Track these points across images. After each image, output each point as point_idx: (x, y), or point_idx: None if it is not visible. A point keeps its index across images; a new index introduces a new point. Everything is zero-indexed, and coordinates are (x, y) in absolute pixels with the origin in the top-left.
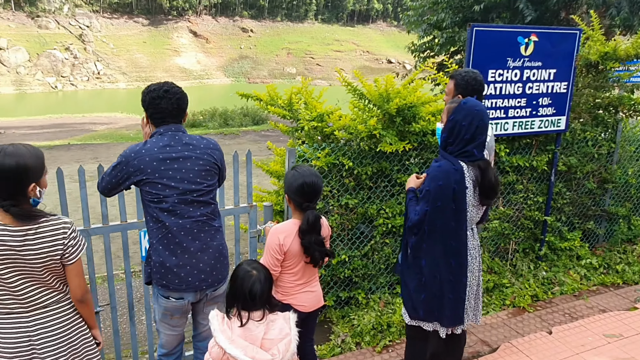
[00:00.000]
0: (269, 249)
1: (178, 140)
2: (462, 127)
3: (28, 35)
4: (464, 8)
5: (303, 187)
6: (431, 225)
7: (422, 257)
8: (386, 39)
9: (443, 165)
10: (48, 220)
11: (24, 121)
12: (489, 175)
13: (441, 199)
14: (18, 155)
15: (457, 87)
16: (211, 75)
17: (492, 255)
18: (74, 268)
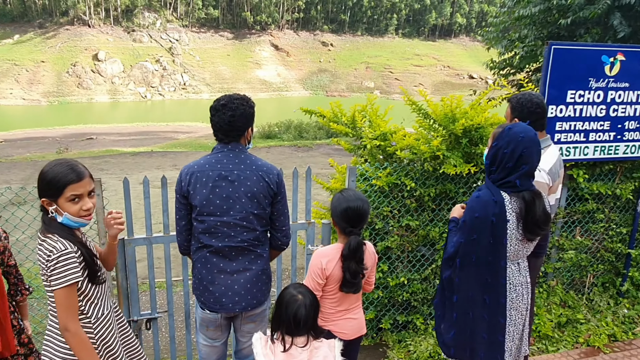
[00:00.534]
0: (311, 272)
1: (232, 158)
2: (504, 154)
3: (123, 48)
4: (549, 23)
5: (347, 212)
6: (465, 259)
7: (455, 292)
8: (469, 53)
9: (482, 196)
10: (50, 240)
11: (114, 128)
12: (534, 209)
13: (477, 232)
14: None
15: (513, 111)
16: (290, 87)
17: (566, 287)
18: (56, 297)
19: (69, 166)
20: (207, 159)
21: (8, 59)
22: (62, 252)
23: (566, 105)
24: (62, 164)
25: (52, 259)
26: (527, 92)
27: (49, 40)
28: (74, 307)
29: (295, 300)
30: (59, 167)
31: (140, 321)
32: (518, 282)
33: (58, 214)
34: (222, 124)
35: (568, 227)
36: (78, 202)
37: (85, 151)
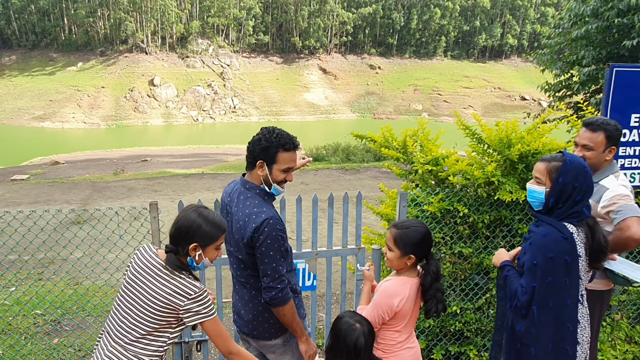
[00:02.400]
0: (379, 308)
1: (235, 196)
2: (574, 189)
3: (177, 74)
4: (609, 44)
5: (426, 237)
6: (542, 305)
7: (532, 344)
8: (520, 75)
9: (550, 234)
10: (186, 276)
11: (167, 150)
12: (597, 234)
13: (552, 274)
14: (195, 215)
15: (610, 139)
16: (338, 110)
17: (632, 322)
18: (208, 329)
19: (220, 216)
20: (230, 186)
21: (72, 85)
22: (202, 290)
23: (630, 129)
24: (215, 213)
25: (199, 294)
26: (603, 117)
27: (109, 67)
28: (226, 333)
29: (354, 330)
30: (217, 216)
31: (191, 343)
32: (581, 315)
33: (197, 259)
34: (248, 153)
35: (634, 257)
36: (218, 250)
37: (140, 172)
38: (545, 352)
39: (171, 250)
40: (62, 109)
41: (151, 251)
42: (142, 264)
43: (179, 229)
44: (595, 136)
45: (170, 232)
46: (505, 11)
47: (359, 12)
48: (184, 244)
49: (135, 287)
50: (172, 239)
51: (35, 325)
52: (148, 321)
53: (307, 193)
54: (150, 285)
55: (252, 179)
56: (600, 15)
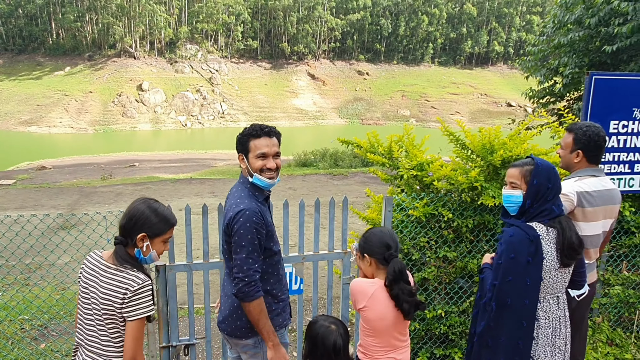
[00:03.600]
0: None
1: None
2: (547, 189)
3: (166, 79)
4: (591, 51)
5: (383, 238)
6: (500, 303)
7: (489, 337)
8: (506, 81)
9: (515, 236)
10: (128, 269)
11: (155, 155)
12: (568, 233)
13: (513, 273)
14: (145, 207)
15: (576, 142)
16: (326, 116)
17: (613, 324)
18: (130, 327)
19: (170, 210)
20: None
21: (59, 89)
22: (145, 282)
23: (609, 135)
24: (165, 207)
25: (135, 289)
26: (590, 124)
27: (97, 71)
28: (142, 339)
29: (331, 332)
30: (167, 210)
31: (179, 347)
32: (555, 317)
33: (145, 250)
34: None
35: (614, 261)
36: (166, 244)
37: (128, 178)
38: (498, 344)
39: (120, 241)
40: (49, 114)
41: (96, 255)
42: (89, 269)
43: (129, 220)
44: (567, 137)
45: (120, 223)
46: (492, 18)
47: (347, 19)
48: (133, 235)
49: (89, 293)
50: (121, 230)
51: (22, 330)
52: (101, 326)
53: (295, 198)
54: (98, 287)
55: (244, 174)
56: (583, 23)
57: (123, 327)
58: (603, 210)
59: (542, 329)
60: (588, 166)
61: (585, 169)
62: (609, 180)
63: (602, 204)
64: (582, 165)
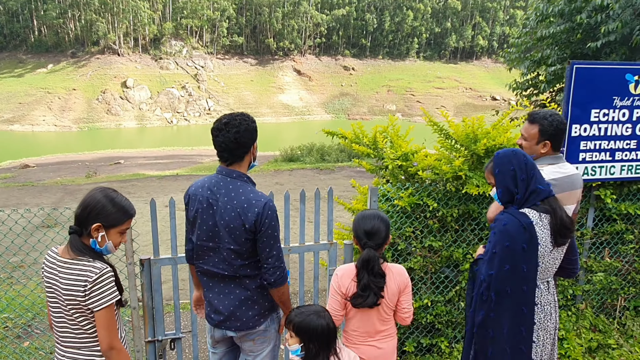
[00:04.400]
0: (331, 288)
1: (222, 186)
2: (512, 171)
3: (151, 75)
4: (572, 43)
5: (362, 226)
6: (500, 292)
7: (490, 328)
8: (491, 75)
9: (509, 224)
10: (84, 261)
11: (141, 152)
12: (559, 213)
13: (509, 262)
14: (101, 196)
15: (543, 133)
16: (312, 111)
17: (596, 311)
18: (100, 317)
19: (129, 201)
20: (203, 181)
21: (42, 87)
22: (103, 270)
23: (590, 124)
24: (124, 197)
25: (94, 279)
26: (551, 111)
27: (81, 69)
28: (115, 325)
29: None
30: (125, 200)
31: (165, 341)
32: (547, 302)
33: (100, 240)
34: (228, 143)
35: (596, 248)
36: (123, 235)
37: (113, 175)
38: (501, 334)
39: (74, 231)
40: (32, 112)
41: (53, 251)
42: (48, 267)
43: (84, 209)
44: (530, 128)
45: (75, 212)
46: (476, 13)
47: (332, 14)
48: (87, 224)
49: (52, 290)
50: (76, 219)
51: (5, 328)
52: (71, 319)
53: (282, 193)
54: (59, 283)
55: (241, 168)
56: (566, 16)
57: (92, 317)
58: (561, 197)
59: (536, 313)
60: (552, 154)
61: (544, 157)
62: (569, 166)
63: (561, 191)
64: (546, 154)
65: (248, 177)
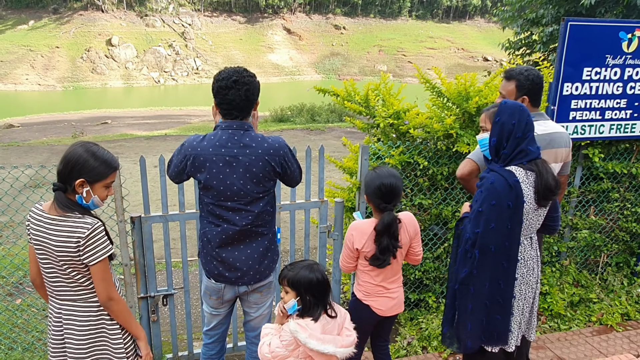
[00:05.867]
0: (345, 243)
1: (237, 141)
2: (512, 126)
3: (137, 33)
4: (566, 1)
5: (380, 189)
6: (484, 249)
7: (471, 284)
8: (483, 35)
9: (496, 182)
10: (74, 217)
11: (128, 112)
12: (545, 174)
13: (495, 220)
14: (82, 150)
15: (520, 89)
16: (302, 71)
17: (579, 267)
18: (96, 271)
19: (111, 154)
20: (211, 141)
21: (23, 44)
22: (95, 225)
23: (582, 82)
24: (105, 150)
25: (86, 235)
26: (527, 67)
27: (63, 25)
28: (111, 277)
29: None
30: (107, 153)
31: (157, 297)
32: (529, 256)
33: (85, 196)
34: (239, 100)
35: (582, 206)
36: (108, 189)
37: (100, 135)
38: (483, 289)
39: (58, 187)
40: (14, 70)
41: (38, 209)
42: (35, 224)
43: (65, 165)
44: (507, 85)
45: (58, 168)
46: None
47: None
48: (71, 180)
49: (42, 247)
50: (59, 176)
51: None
52: (65, 274)
53: None
54: (49, 241)
55: (248, 121)
56: None
57: (86, 271)
58: (544, 154)
59: (519, 268)
60: (532, 110)
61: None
62: (551, 124)
63: (542, 148)
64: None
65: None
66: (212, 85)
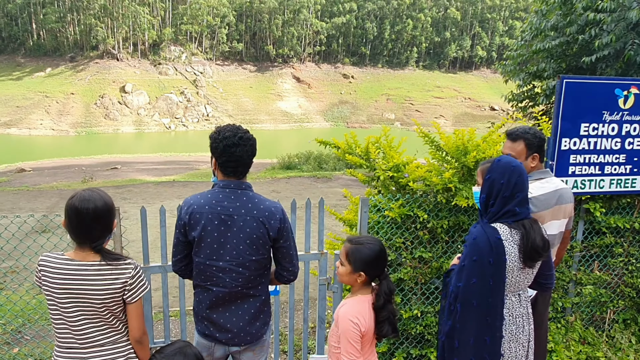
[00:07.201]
0: (350, 337)
1: (234, 200)
2: (501, 185)
3: (150, 81)
4: (568, 57)
5: (380, 255)
6: (466, 304)
7: (456, 337)
8: (489, 85)
9: (478, 237)
10: (115, 258)
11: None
12: (533, 235)
13: (476, 275)
14: (100, 199)
15: (530, 147)
16: (311, 119)
17: (585, 323)
18: (135, 308)
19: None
20: (207, 199)
21: (40, 91)
22: (136, 264)
23: (580, 138)
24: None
25: (136, 271)
26: (525, 126)
27: (79, 73)
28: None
29: (185, 355)
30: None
31: (154, 349)
32: (518, 314)
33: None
34: (246, 157)
35: (586, 261)
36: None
37: (109, 180)
38: (467, 345)
39: (101, 246)
40: (30, 116)
41: (58, 258)
42: (59, 273)
43: (103, 214)
44: (515, 145)
45: (92, 224)
46: (475, 23)
47: (332, 22)
48: (110, 226)
49: (73, 296)
50: (96, 230)
51: None
52: (103, 316)
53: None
54: (87, 288)
55: (246, 179)
56: (560, 30)
57: (117, 312)
58: (551, 212)
59: (507, 325)
60: (540, 169)
61: (532, 172)
62: (556, 180)
63: (548, 206)
64: (535, 169)
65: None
66: (215, 144)
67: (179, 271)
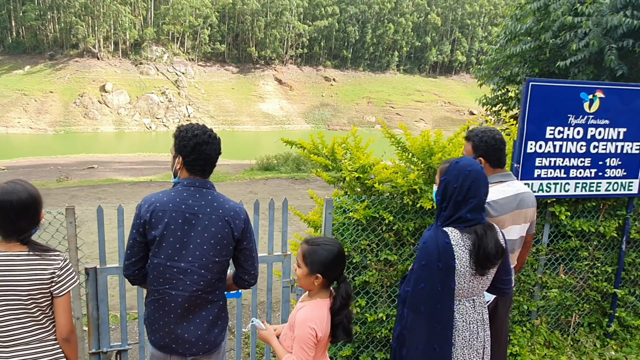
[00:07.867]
0: (305, 341)
1: (198, 199)
2: (454, 189)
3: (130, 80)
4: (541, 62)
5: (339, 257)
6: (413, 309)
7: (404, 346)
8: (469, 90)
9: (428, 241)
10: (43, 250)
11: (116, 157)
12: (486, 241)
13: (424, 280)
14: (24, 190)
15: (475, 150)
16: (292, 121)
17: (551, 327)
18: (63, 302)
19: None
20: (170, 197)
21: (18, 89)
22: (65, 257)
23: (545, 141)
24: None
25: (65, 263)
26: (485, 128)
27: (59, 71)
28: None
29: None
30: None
31: (110, 353)
32: (472, 320)
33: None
34: (215, 155)
35: (552, 264)
36: None
37: (85, 180)
38: (416, 352)
39: (29, 239)
40: (7, 114)
41: None
42: None
43: (28, 206)
44: (467, 145)
45: (17, 217)
46: (455, 29)
47: (315, 25)
48: (37, 218)
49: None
50: (21, 222)
51: None
52: (28, 310)
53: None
54: (13, 279)
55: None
56: (534, 35)
57: (43, 306)
58: (511, 217)
59: (460, 331)
60: (493, 172)
61: (491, 175)
62: (518, 184)
63: (508, 210)
64: (488, 172)
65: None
66: (184, 142)
67: (131, 275)
